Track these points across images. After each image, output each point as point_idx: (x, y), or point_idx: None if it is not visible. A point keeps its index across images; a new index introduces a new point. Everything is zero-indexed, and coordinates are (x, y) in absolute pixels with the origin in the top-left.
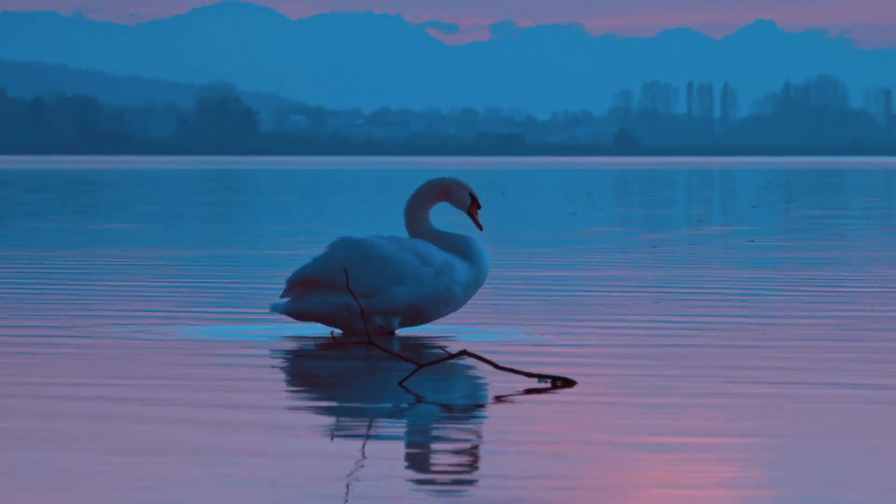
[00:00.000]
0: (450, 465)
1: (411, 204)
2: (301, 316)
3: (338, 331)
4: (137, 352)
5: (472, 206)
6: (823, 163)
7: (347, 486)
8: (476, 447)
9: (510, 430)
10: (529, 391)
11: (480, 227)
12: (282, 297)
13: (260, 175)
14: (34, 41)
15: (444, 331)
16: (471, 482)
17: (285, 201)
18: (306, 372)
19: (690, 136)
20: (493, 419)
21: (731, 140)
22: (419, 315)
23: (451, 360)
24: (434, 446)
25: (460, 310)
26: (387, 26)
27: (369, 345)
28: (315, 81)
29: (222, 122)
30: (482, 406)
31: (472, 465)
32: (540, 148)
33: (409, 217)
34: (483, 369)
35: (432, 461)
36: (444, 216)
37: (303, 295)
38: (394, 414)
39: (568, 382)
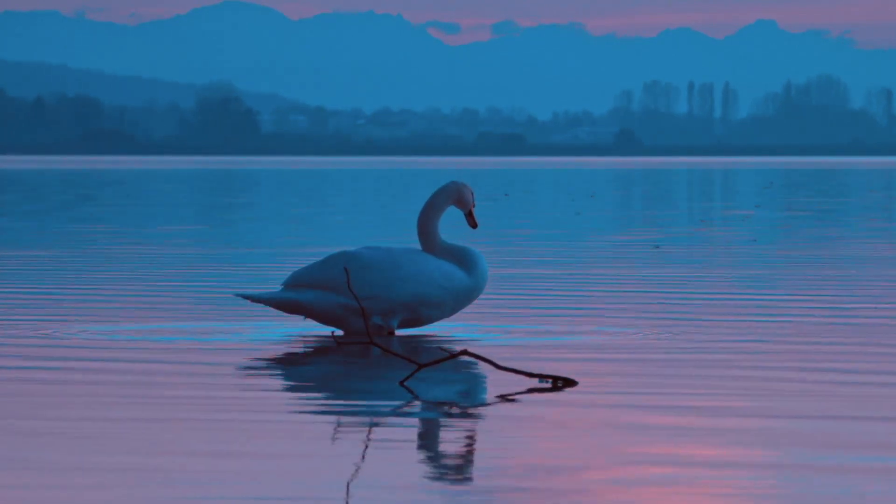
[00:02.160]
0: (450, 464)
1: (426, 214)
2: (294, 307)
3: (338, 331)
4: (135, 352)
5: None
6: (824, 163)
7: (348, 486)
8: (476, 447)
9: (511, 431)
10: (530, 391)
11: (476, 225)
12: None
13: (261, 175)
14: (35, 41)
15: (446, 331)
16: (471, 482)
17: (285, 201)
18: (306, 372)
19: (691, 135)
20: (494, 419)
21: (731, 140)
22: (411, 315)
23: (452, 360)
24: (434, 446)
25: (461, 309)
26: (388, 26)
27: (370, 345)
28: (316, 81)
29: (223, 122)
30: (483, 406)
31: (473, 466)
32: (541, 148)
33: (424, 228)
34: (484, 369)
35: (433, 461)
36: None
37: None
38: (394, 414)
39: (569, 382)
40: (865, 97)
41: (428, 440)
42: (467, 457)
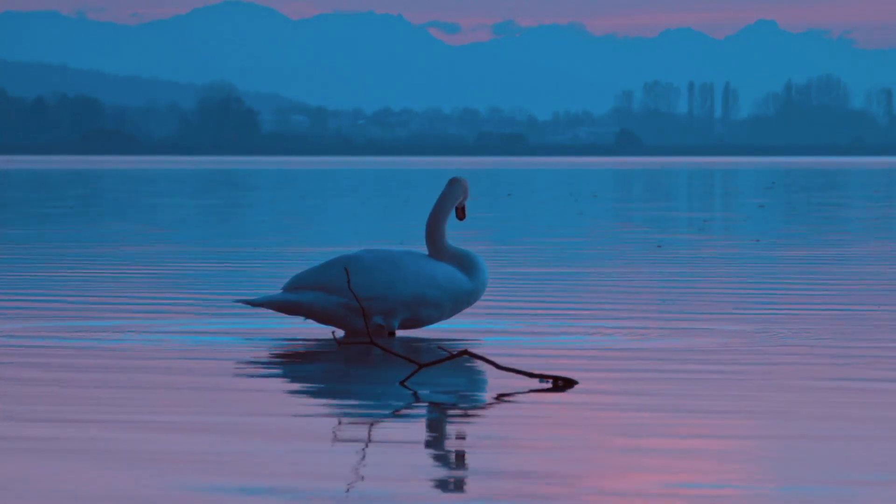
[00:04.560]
0: (450, 465)
1: (435, 217)
2: (295, 308)
3: (339, 331)
4: (134, 353)
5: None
6: (825, 163)
7: (348, 486)
8: (476, 447)
9: (511, 431)
10: (531, 391)
11: (464, 217)
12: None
13: (261, 175)
14: (36, 41)
15: (446, 331)
16: (471, 482)
17: (286, 202)
18: (307, 372)
19: (692, 135)
20: (494, 419)
21: (732, 140)
22: (411, 315)
23: (453, 360)
24: (435, 446)
25: (460, 311)
26: (388, 26)
27: (370, 345)
28: (316, 81)
29: (224, 122)
30: (483, 406)
31: (473, 466)
32: (541, 148)
33: (433, 231)
34: (484, 369)
35: (433, 461)
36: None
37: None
38: (395, 414)
39: (569, 382)
40: (866, 97)
41: (428, 440)
42: (467, 457)
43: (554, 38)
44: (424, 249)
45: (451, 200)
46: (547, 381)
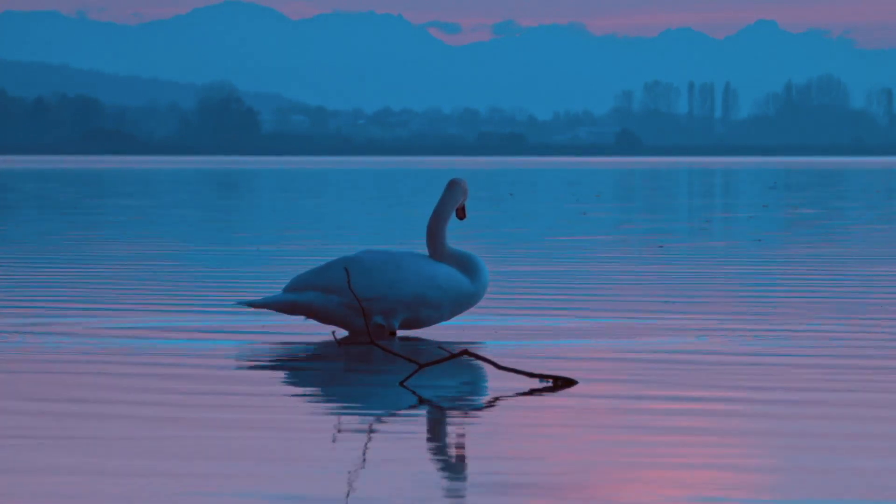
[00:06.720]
0: (450, 464)
1: (436, 219)
2: (296, 309)
3: (339, 331)
4: (133, 354)
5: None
6: (825, 163)
7: (348, 486)
8: (476, 447)
9: (511, 430)
10: (530, 391)
11: (465, 216)
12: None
13: (261, 175)
14: (36, 41)
15: (447, 331)
16: (471, 482)
17: (286, 202)
18: (306, 372)
19: (692, 135)
20: (494, 419)
21: (732, 140)
22: (411, 315)
23: (453, 360)
24: (435, 446)
25: (460, 313)
26: (389, 26)
27: (371, 345)
28: (317, 81)
29: (224, 122)
30: (483, 406)
31: (473, 466)
32: (542, 148)
33: (434, 232)
34: (484, 369)
35: (433, 461)
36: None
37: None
38: (394, 414)
39: (569, 382)
40: (866, 97)
41: (428, 440)
42: (467, 456)
43: (554, 38)
44: (425, 251)
45: (452, 202)
46: (547, 381)
